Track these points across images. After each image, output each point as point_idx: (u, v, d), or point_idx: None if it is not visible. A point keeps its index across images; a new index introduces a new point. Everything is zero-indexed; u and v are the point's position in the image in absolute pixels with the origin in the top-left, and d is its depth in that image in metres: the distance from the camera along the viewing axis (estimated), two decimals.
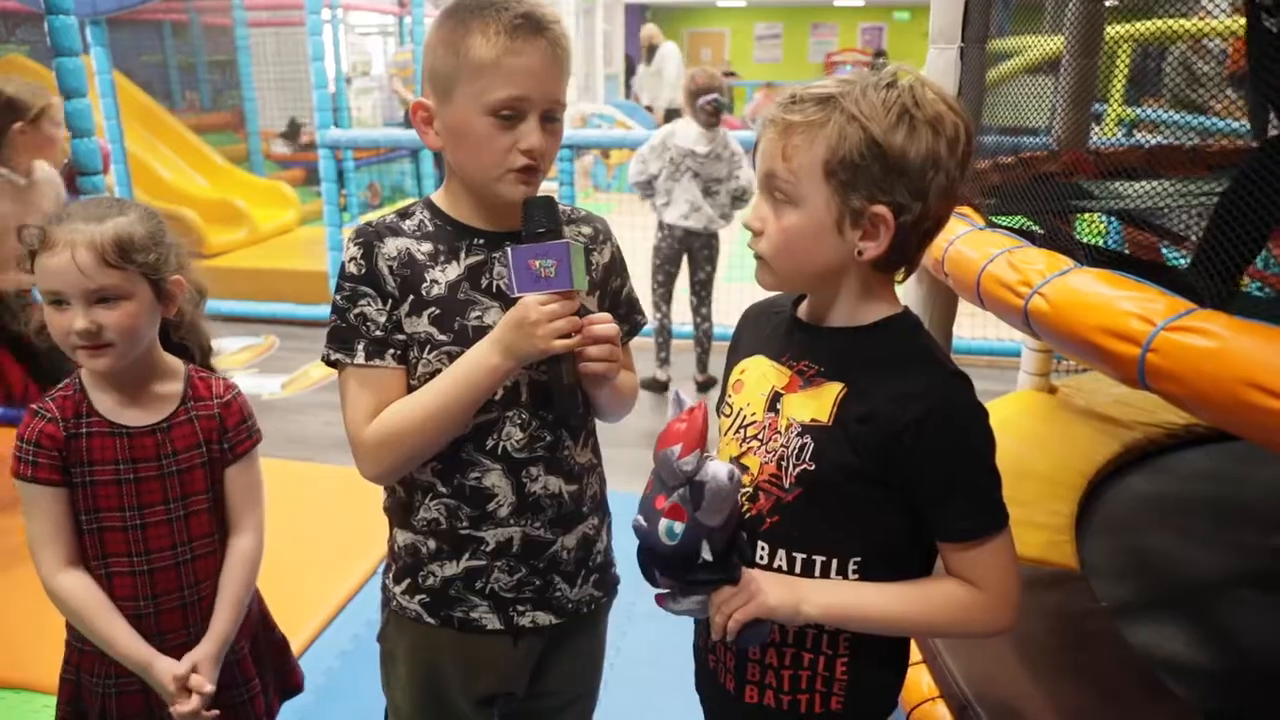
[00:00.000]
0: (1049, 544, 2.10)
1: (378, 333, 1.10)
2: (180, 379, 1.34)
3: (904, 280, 1.04)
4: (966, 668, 1.70)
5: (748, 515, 1.03)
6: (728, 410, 1.10)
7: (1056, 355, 3.13)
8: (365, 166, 7.27)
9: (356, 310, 1.10)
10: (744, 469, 1.03)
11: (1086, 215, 2.08)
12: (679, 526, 0.95)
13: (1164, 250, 1.72)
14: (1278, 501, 2.49)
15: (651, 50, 10.23)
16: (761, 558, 1.02)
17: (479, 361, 1.07)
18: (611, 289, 1.25)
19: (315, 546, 2.76)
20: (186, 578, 1.33)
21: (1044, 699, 1.65)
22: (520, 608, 1.20)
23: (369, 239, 1.11)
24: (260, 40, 8.45)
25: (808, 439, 0.98)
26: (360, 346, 1.10)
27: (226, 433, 1.35)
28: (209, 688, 1.28)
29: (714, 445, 1.04)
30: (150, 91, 7.24)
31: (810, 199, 0.94)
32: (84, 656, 1.33)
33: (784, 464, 0.99)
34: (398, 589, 1.23)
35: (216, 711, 1.30)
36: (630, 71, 13.98)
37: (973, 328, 4.39)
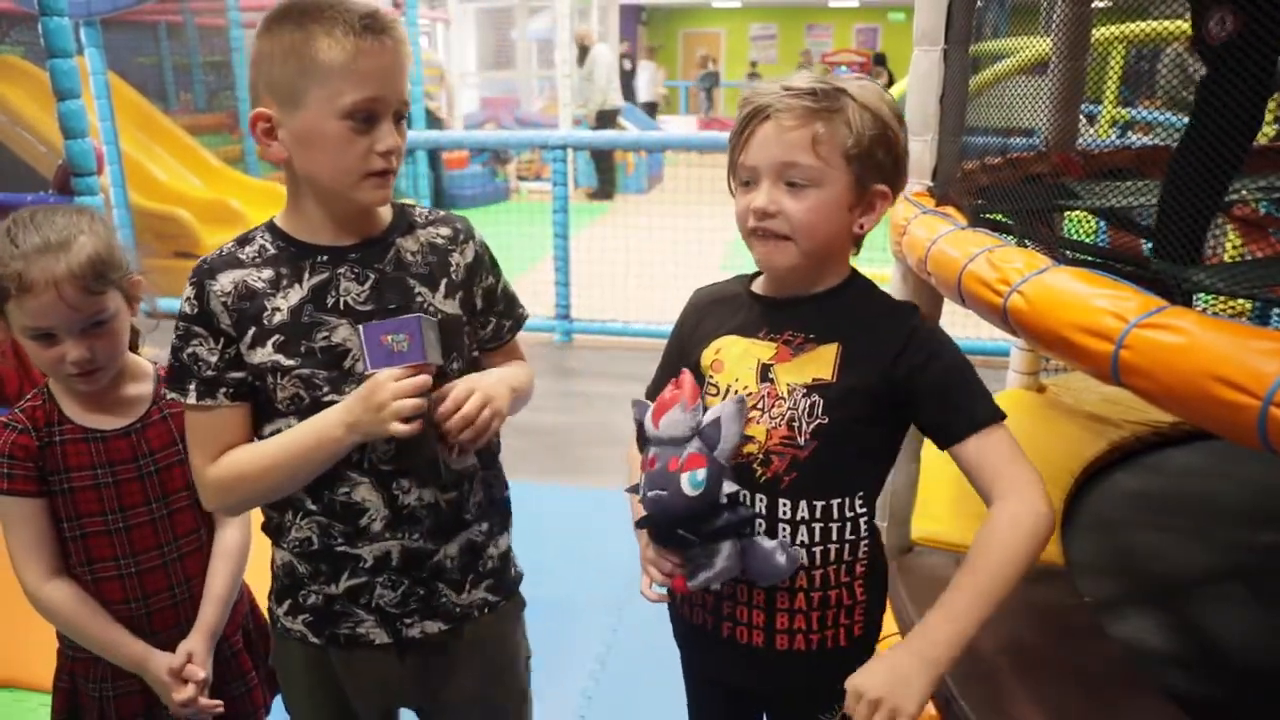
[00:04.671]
0: None
1: (209, 373, 1.09)
2: (149, 379, 1.33)
3: (857, 254, 1.18)
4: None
5: (764, 480, 1.10)
6: (713, 390, 1.15)
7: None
8: None
9: (189, 350, 1.09)
10: (748, 439, 1.10)
11: (1074, 214, 2.10)
12: (701, 473, 1.03)
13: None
14: (1262, 499, 2.51)
15: (584, 52, 9.68)
16: (785, 513, 1.10)
17: (326, 430, 1.05)
18: (483, 288, 1.20)
19: None
20: (175, 576, 1.33)
21: (1028, 694, 1.66)
22: (408, 620, 1.17)
23: (201, 277, 1.09)
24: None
25: (815, 397, 1.08)
26: (192, 386, 1.09)
27: None
28: (202, 674, 1.28)
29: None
30: (145, 93, 7.23)
31: (831, 182, 1.06)
32: (77, 663, 1.33)
33: (795, 424, 1.08)
34: (280, 610, 1.20)
35: (219, 703, 1.31)
36: (631, 72, 13.96)
37: (964, 328, 4.41)
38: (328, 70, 0.99)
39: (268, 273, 1.09)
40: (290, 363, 1.08)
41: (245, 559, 1.40)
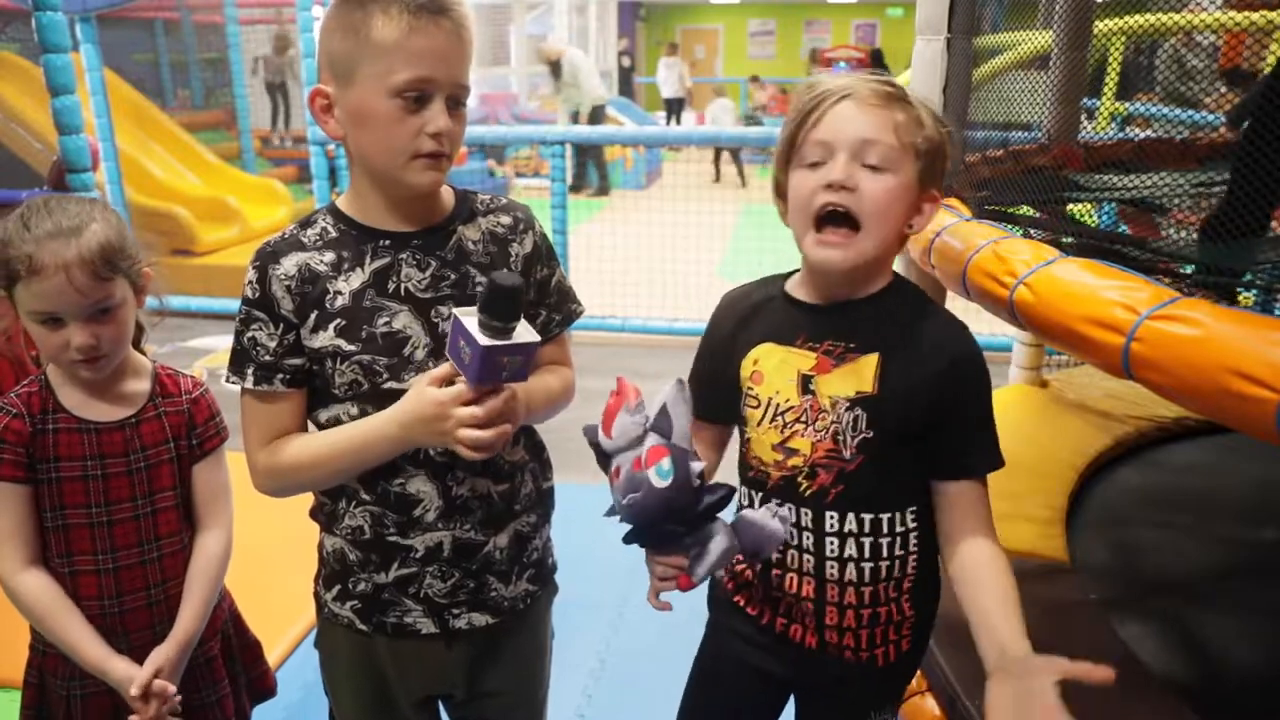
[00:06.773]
0: (1039, 536, 2.10)
1: (267, 358, 1.09)
2: (148, 376, 1.32)
3: None
4: (955, 661, 1.69)
5: (809, 492, 1.09)
6: (754, 402, 1.13)
7: (1048, 350, 3.13)
8: None
9: (249, 334, 1.10)
10: (793, 452, 1.10)
11: (1076, 207, 2.08)
12: (666, 461, 0.99)
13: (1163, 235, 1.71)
14: (1267, 495, 2.49)
15: (555, 65, 9.55)
16: (833, 525, 1.09)
17: (381, 430, 1.05)
18: (538, 279, 1.20)
19: (306, 543, 2.75)
20: (153, 576, 1.30)
21: None
22: (455, 611, 1.18)
23: (265, 260, 1.09)
24: (252, 38, 8.42)
25: (859, 411, 1.06)
26: (250, 370, 1.10)
27: (195, 429, 1.33)
28: (172, 690, 1.25)
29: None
30: (142, 89, 7.21)
31: (904, 170, 1.03)
32: (46, 659, 1.30)
33: (840, 437, 1.07)
34: (328, 596, 1.21)
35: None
36: (631, 68, 13.87)
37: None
38: (380, 47, 0.99)
39: (329, 256, 1.09)
40: (351, 348, 1.08)
41: (225, 566, 1.37)
